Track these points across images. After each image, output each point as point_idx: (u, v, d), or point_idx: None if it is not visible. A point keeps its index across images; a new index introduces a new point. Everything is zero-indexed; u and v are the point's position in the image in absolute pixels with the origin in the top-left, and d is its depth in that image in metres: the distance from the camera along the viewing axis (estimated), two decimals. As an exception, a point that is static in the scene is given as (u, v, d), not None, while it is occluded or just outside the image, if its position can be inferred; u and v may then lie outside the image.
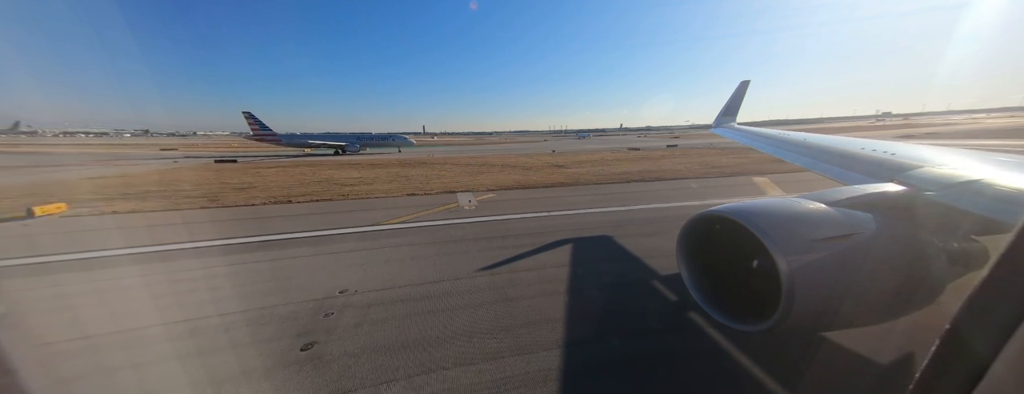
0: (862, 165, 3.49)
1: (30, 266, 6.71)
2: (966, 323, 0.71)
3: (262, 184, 16.71)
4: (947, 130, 44.13)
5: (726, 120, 9.81)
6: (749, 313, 2.29)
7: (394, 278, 5.67)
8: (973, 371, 0.70)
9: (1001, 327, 0.66)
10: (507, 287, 5.20)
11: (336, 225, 9.02)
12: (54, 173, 22.00)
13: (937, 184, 2.41)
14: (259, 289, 5.45)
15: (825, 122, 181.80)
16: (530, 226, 8.47)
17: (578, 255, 6.49)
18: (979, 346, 0.69)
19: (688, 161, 22.35)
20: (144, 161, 31.69)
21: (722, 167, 18.76)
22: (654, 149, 36.27)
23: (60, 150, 53.19)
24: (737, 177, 15.51)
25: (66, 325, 4.58)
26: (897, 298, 2.13)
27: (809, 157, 4.44)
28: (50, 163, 29.75)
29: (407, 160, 29.51)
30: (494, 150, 44.40)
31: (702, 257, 2.67)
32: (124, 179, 19.01)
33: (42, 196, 13.31)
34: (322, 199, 12.76)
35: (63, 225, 9.74)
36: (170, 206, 12.10)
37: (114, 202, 12.71)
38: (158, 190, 15.27)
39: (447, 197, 12.51)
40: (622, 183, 14.62)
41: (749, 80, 10.35)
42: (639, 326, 4.15)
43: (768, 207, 2.28)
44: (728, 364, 3.45)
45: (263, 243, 7.77)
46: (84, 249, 7.55)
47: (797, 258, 1.92)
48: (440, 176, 18.28)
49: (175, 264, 6.64)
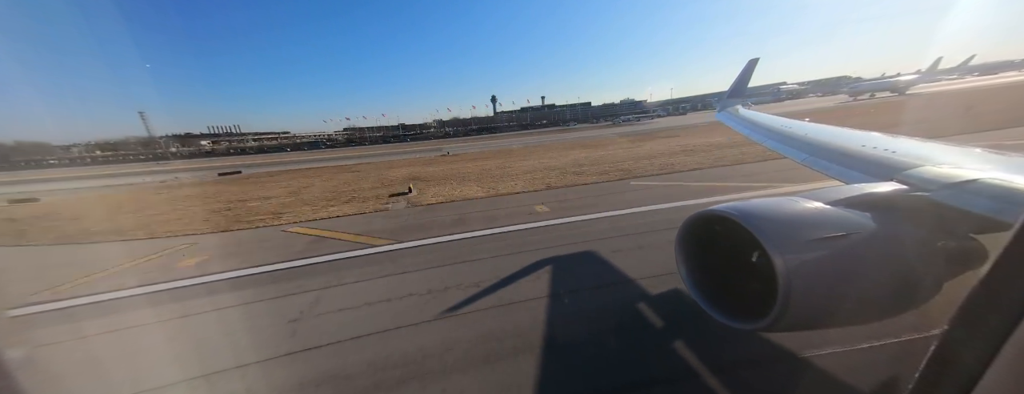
0: (862, 163, 3.48)
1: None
2: (965, 322, 0.71)
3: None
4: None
5: (731, 103, 8.76)
6: (747, 312, 2.30)
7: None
8: (973, 369, 0.69)
9: (1001, 325, 0.66)
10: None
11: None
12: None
13: (937, 183, 2.41)
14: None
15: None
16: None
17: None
18: (979, 344, 0.69)
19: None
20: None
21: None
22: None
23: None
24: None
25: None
26: (895, 297, 2.15)
27: (808, 153, 4.41)
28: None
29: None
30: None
31: (700, 256, 2.69)
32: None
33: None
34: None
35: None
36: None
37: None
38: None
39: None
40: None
41: (758, 58, 9.22)
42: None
43: (766, 206, 2.30)
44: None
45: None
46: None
47: (794, 257, 1.94)
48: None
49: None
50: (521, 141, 50.46)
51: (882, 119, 26.01)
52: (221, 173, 35.99)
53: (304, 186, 20.48)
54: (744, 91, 9.04)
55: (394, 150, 59.29)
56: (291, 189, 19.73)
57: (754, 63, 9.26)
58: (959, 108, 26.16)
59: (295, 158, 59.08)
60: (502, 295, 5.33)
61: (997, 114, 20.17)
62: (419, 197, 13.82)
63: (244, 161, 60.58)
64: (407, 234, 8.95)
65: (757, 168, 13.12)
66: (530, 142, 45.47)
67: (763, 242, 2.00)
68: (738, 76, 9.23)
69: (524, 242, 7.57)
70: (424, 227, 9.51)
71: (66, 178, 43.09)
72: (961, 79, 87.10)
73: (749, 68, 9.23)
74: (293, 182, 23.43)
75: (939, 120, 20.41)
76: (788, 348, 3.51)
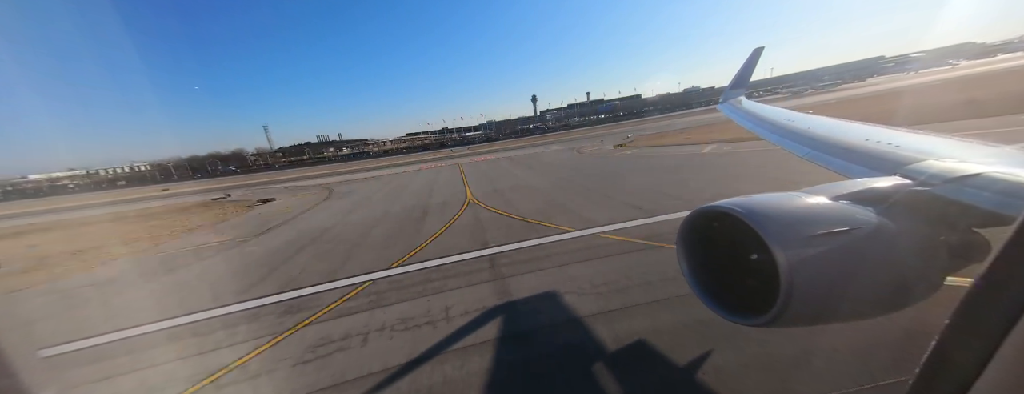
0: (865, 158, 3.46)
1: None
2: (966, 318, 0.71)
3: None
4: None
5: (735, 94, 8.44)
6: (748, 307, 2.31)
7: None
8: (975, 364, 0.70)
9: (1002, 319, 0.65)
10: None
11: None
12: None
13: (940, 177, 2.40)
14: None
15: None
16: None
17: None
18: (980, 339, 0.69)
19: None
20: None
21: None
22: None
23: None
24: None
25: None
26: (897, 292, 2.14)
27: (811, 147, 4.39)
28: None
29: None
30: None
31: (702, 252, 2.68)
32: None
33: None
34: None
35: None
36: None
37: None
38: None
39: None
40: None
41: (763, 47, 8.98)
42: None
43: (768, 202, 2.29)
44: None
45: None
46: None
47: (796, 253, 1.93)
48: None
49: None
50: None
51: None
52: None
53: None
54: (747, 81, 8.83)
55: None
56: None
57: (759, 52, 9.03)
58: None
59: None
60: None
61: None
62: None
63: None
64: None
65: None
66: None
67: (765, 237, 2.00)
68: (742, 65, 8.95)
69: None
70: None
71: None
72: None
73: (754, 57, 8.99)
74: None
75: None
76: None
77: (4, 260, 18.00)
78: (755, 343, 4.83)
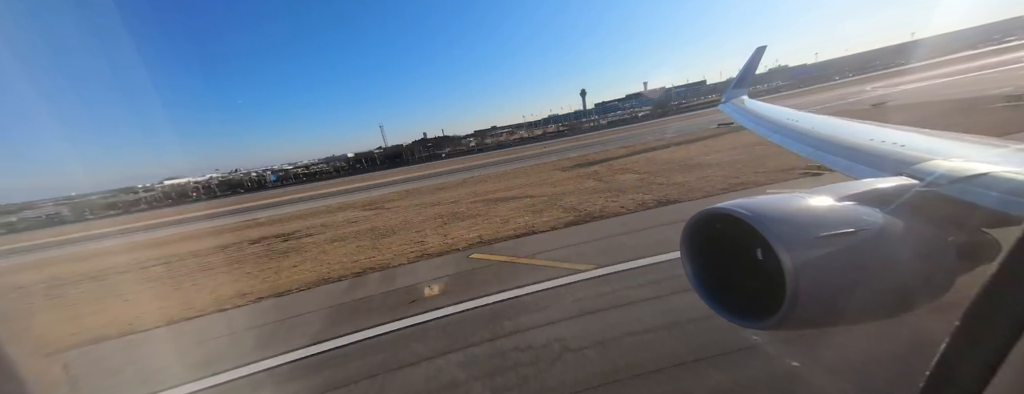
0: (870, 158, 3.44)
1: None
2: (977, 318, 0.70)
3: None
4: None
5: (737, 93, 8.27)
6: (754, 310, 2.28)
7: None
8: (987, 365, 0.68)
9: (1013, 321, 0.64)
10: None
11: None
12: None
13: (947, 177, 2.37)
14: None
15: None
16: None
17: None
18: (992, 340, 0.68)
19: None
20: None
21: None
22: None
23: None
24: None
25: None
26: (905, 294, 2.11)
27: (814, 147, 4.36)
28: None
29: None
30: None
31: (706, 254, 2.66)
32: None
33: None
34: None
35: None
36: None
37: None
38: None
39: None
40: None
41: (765, 46, 8.81)
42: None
43: (772, 203, 2.27)
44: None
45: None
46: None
47: (802, 254, 1.91)
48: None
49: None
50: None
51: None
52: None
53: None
54: (750, 80, 8.67)
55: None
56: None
57: (761, 51, 8.90)
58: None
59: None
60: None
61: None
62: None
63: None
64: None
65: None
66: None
67: (770, 239, 1.98)
68: (745, 64, 8.82)
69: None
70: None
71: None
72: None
73: (756, 56, 8.85)
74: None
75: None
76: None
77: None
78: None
